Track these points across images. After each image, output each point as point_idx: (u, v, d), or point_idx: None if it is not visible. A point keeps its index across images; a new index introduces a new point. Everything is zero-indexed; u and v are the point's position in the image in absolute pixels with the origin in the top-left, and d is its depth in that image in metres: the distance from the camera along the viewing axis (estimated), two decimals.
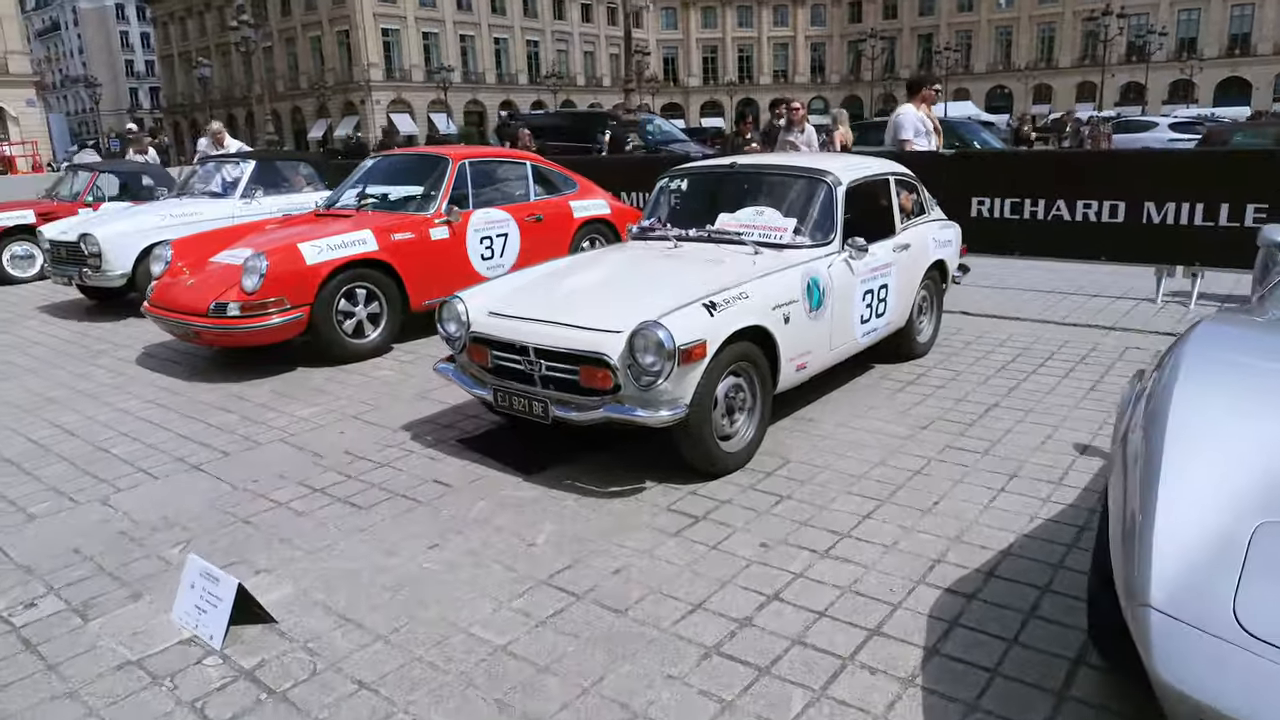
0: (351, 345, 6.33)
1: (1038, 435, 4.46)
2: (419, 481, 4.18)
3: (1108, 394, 5.07)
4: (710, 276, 4.26)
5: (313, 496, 4.07)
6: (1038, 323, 6.83)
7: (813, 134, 10.02)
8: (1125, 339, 6.27)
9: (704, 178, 5.44)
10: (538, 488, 4.05)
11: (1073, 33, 72.41)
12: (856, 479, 4.00)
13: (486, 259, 7.16)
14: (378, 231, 6.40)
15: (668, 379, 3.67)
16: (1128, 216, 7.38)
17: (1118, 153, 9.16)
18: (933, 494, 3.82)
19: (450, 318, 4.45)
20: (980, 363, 5.78)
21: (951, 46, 75.23)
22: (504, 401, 4.17)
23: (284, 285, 5.89)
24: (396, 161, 7.68)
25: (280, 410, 5.37)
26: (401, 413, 5.22)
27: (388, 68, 60.15)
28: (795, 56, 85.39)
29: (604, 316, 3.95)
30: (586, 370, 3.86)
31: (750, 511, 3.72)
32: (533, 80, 69.23)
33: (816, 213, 4.81)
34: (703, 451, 3.95)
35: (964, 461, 4.16)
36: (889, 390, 5.27)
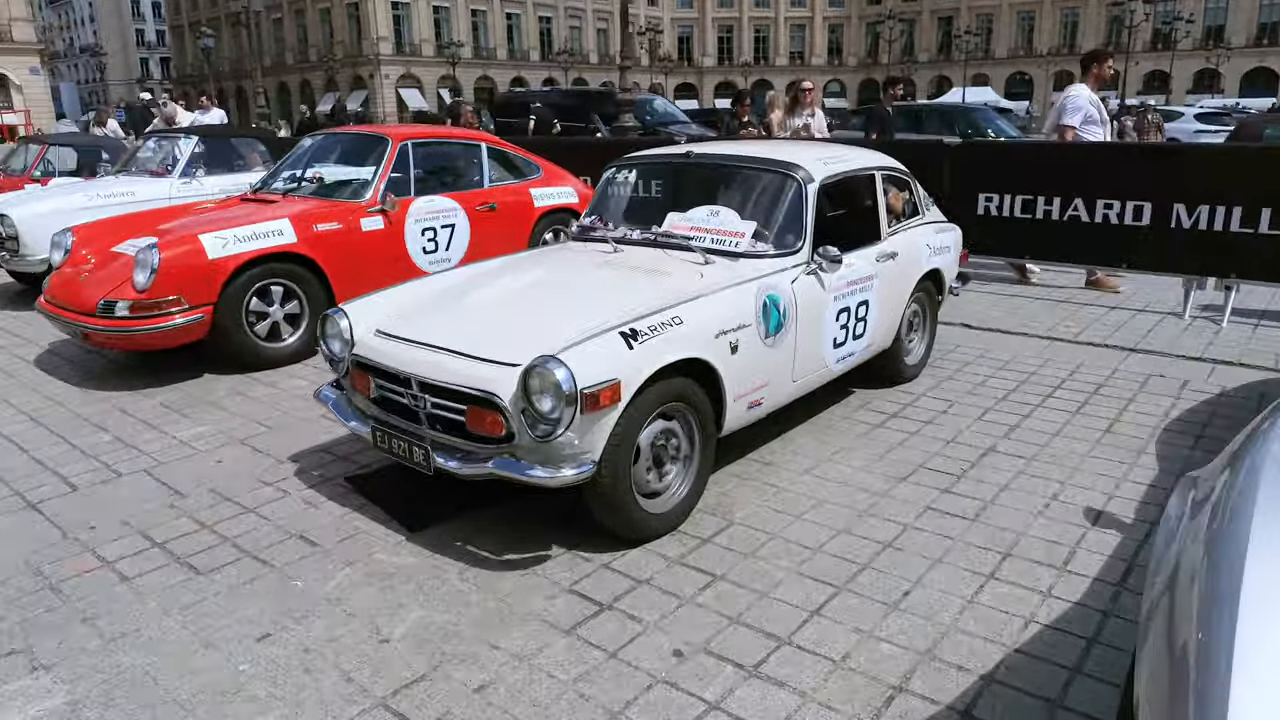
0: (265, 350, 5.58)
1: (1040, 495, 3.67)
2: (282, 537, 3.44)
3: (1126, 437, 4.27)
4: (641, 294, 3.48)
5: (149, 554, 3.33)
6: (1047, 340, 6.01)
7: (824, 120, 8.98)
8: (1148, 363, 5.44)
9: (655, 168, 4.64)
10: (419, 552, 3.30)
11: (1097, 18, 70.71)
12: (811, 553, 3.23)
13: (429, 253, 6.39)
14: (297, 221, 5.63)
15: (569, 429, 2.90)
16: (1154, 219, 6.54)
17: (1145, 147, 8.29)
18: (904, 579, 3.04)
19: (333, 335, 3.69)
20: (978, 390, 4.98)
21: (972, 30, 73.63)
22: (383, 442, 3.41)
23: (180, 282, 5.13)
24: (334, 141, 6.90)
25: (162, 430, 4.63)
26: (298, 437, 4.47)
27: (397, 42, 59.09)
28: (812, 38, 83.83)
29: (501, 345, 3.18)
30: (474, 412, 3.10)
31: (671, 598, 2.95)
32: (545, 57, 68.01)
33: (782, 215, 4.01)
34: (621, 516, 3.19)
35: (947, 531, 3.38)
36: (867, 425, 4.49)
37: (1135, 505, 3.56)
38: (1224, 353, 5.64)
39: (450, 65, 56.72)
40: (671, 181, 4.50)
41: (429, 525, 3.48)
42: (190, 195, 8.00)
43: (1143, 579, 2.92)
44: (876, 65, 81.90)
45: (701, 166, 4.36)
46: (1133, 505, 3.57)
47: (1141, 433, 4.33)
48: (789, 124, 8.30)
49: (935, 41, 79.48)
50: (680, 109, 20.69)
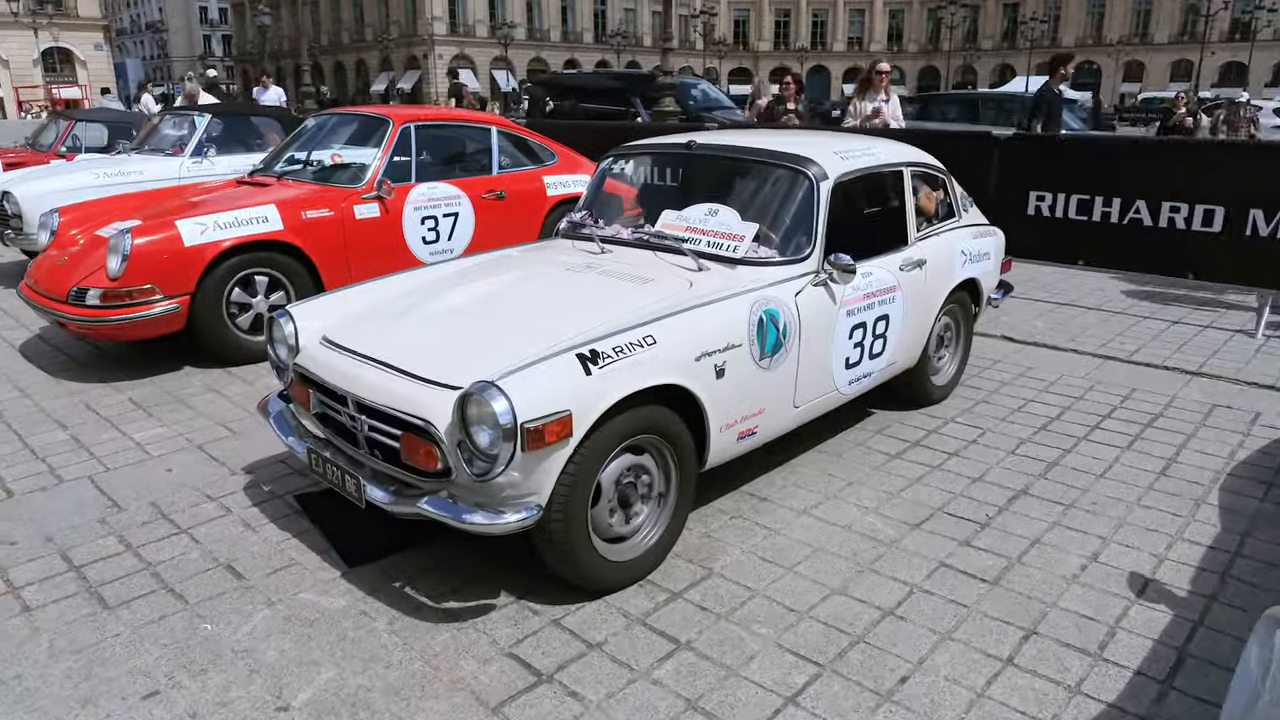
0: (247, 344, 5.25)
1: (1076, 554, 3.15)
2: (207, 565, 3.08)
3: (1183, 482, 3.72)
4: (617, 306, 3.04)
5: (61, 580, 2.99)
6: (1098, 358, 5.42)
7: (898, 106, 8.01)
8: (1212, 390, 4.84)
9: (654, 159, 4.16)
10: (351, 592, 2.91)
11: (1171, 6, 67.91)
12: (797, 618, 2.77)
13: (430, 243, 6.01)
14: (285, 208, 5.28)
15: (509, 467, 2.48)
16: (1227, 226, 5.88)
17: (1220, 144, 7.55)
18: (902, 659, 2.57)
19: (279, 340, 3.31)
20: (1014, 417, 4.44)
21: (1039, 17, 71.22)
22: (319, 467, 3.02)
23: (154, 270, 4.82)
24: (335, 122, 6.54)
25: (122, 430, 4.32)
26: (259, 444, 4.11)
27: (452, 22, 59.00)
28: (871, 23, 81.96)
29: (443, 363, 2.76)
30: (408, 440, 2.69)
31: (623, 670, 2.52)
32: (599, 39, 67.42)
33: (789, 216, 3.53)
34: (575, 565, 2.75)
35: (961, 596, 2.89)
36: (883, 455, 3.99)
37: (1191, 573, 3.03)
38: None
39: (503, 46, 56.48)
40: (671, 175, 4.04)
41: (369, 560, 3.09)
42: (200, 175, 7.73)
43: (1197, 679, 2.42)
44: (938, 52, 79.86)
45: (703, 159, 3.88)
46: (1188, 573, 3.03)
47: (1202, 477, 3.77)
48: (859, 108, 7.58)
49: (999, 28, 77.19)
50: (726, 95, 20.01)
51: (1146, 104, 45.86)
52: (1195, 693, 2.42)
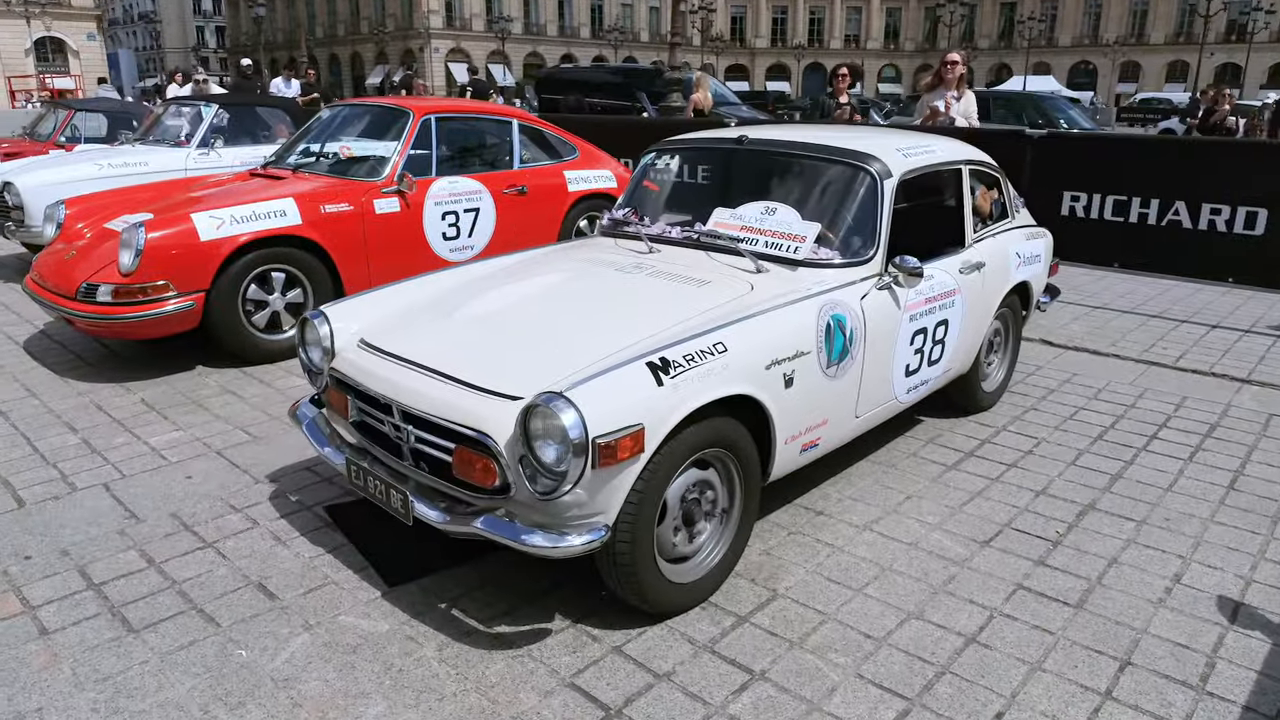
0: (263, 343, 5.05)
1: (1158, 575, 2.98)
2: (237, 584, 2.88)
3: (1255, 497, 3.55)
4: (678, 310, 2.86)
5: (81, 598, 2.80)
6: (1143, 364, 5.26)
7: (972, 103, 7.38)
8: (1267, 399, 4.68)
9: (703, 154, 3.98)
10: (394, 614, 2.72)
11: (1168, 6, 67.96)
12: (875, 645, 2.59)
13: (450, 239, 5.81)
14: (303, 201, 5.07)
15: (577, 485, 2.29)
16: (1269, 229, 5.73)
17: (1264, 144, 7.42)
18: (994, 693, 2.39)
19: (312, 342, 3.12)
20: (1068, 426, 4.27)
21: (1036, 17, 71.20)
22: (359, 479, 2.83)
23: (169, 266, 4.61)
24: (354, 114, 6.33)
25: (135, 434, 4.11)
26: (282, 450, 3.93)
27: (448, 15, 58.61)
28: (868, 21, 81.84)
29: (500, 370, 2.58)
30: (462, 454, 2.50)
31: (696, 704, 2.34)
32: (595, 34, 67.11)
33: (852, 216, 3.35)
34: (638, 588, 2.57)
35: (1045, 622, 2.71)
36: (939, 465, 3.81)
37: (1278, 599, 2.87)
38: None
39: (500, 40, 56.17)
40: (720, 171, 3.85)
41: (410, 578, 2.90)
42: (207, 167, 7.53)
43: None
44: (934, 51, 79.66)
45: (757, 155, 3.69)
46: (1274, 598, 2.86)
47: (1273, 491, 3.61)
48: (927, 104, 7.18)
49: (996, 28, 77.17)
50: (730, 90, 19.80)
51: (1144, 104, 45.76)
52: None
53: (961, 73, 7.11)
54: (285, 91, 13.51)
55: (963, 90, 7.09)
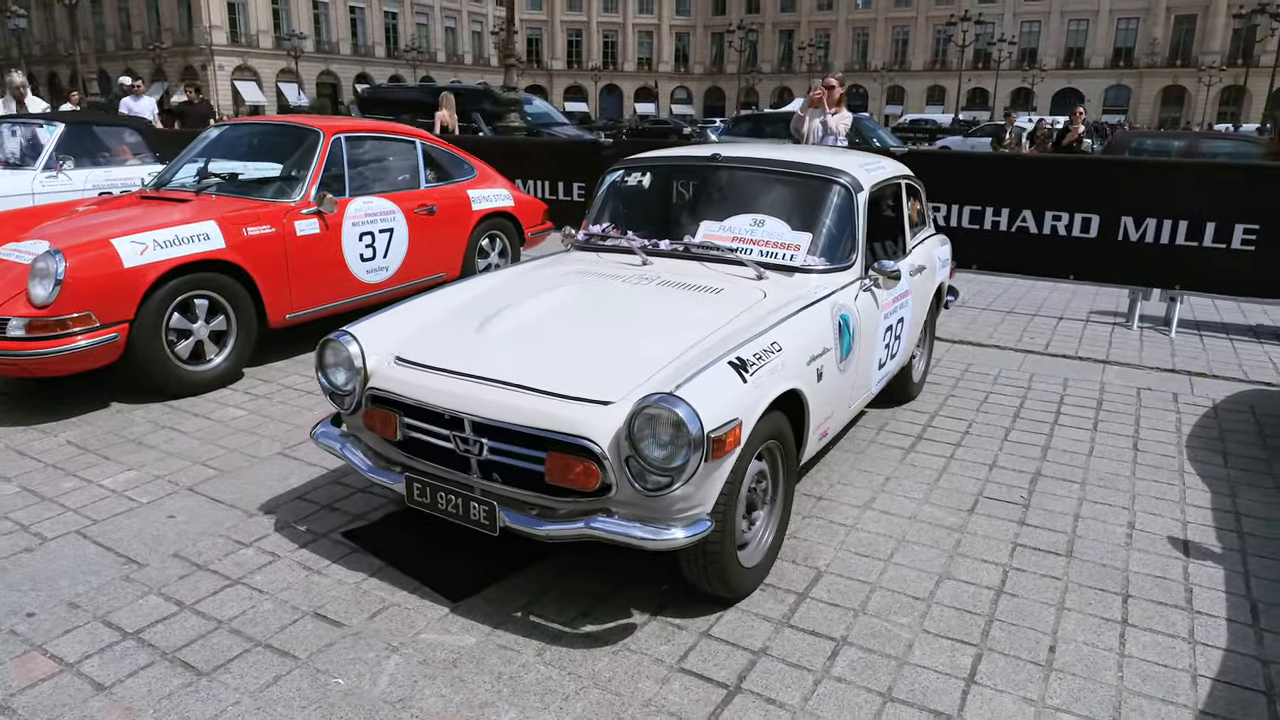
0: (187, 374, 4.74)
1: (1115, 525, 3.49)
2: (292, 615, 2.78)
3: (1157, 455, 4.19)
4: (711, 314, 3.05)
5: (123, 648, 2.60)
6: (1021, 352, 5.98)
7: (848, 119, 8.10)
8: (1129, 376, 5.47)
9: (675, 171, 4.20)
10: (474, 627, 2.73)
11: (925, 37, 75.22)
12: (924, 605, 2.89)
13: (366, 260, 5.68)
14: (225, 224, 4.82)
15: (690, 481, 2.44)
16: (1102, 232, 6.67)
17: (1095, 160, 8.58)
18: (1038, 632, 2.75)
19: (336, 364, 3.05)
20: (987, 408, 4.82)
21: (813, 44, 76.72)
22: (424, 497, 2.82)
23: (91, 296, 4.25)
24: (249, 132, 6.05)
25: (81, 477, 3.78)
26: (259, 481, 3.75)
27: (232, 31, 55.30)
28: (659, 45, 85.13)
29: (583, 377, 2.67)
30: (558, 460, 2.57)
31: (802, 672, 2.54)
32: (390, 54, 65.53)
33: (833, 225, 3.67)
34: (718, 574, 2.74)
35: (1050, 570, 3.13)
36: (898, 450, 4.22)
37: (1214, 531, 3.44)
38: (1190, 364, 5.76)
39: (293, 58, 53.64)
40: (695, 187, 4.07)
41: (471, 592, 2.91)
42: (58, 191, 6.91)
43: (1271, 618, 2.76)
44: (722, 74, 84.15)
45: (733, 171, 3.95)
46: (1212, 531, 3.44)
47: (1169, 450, 4.27)
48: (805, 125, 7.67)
49: (777, 53, 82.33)
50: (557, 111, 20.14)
51: (914, 124, 50.34)
52: None
53: (840, 94, 7.75)
54: (135, 109, 12.45)
55: (839, 109, 7.73)
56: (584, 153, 8.91)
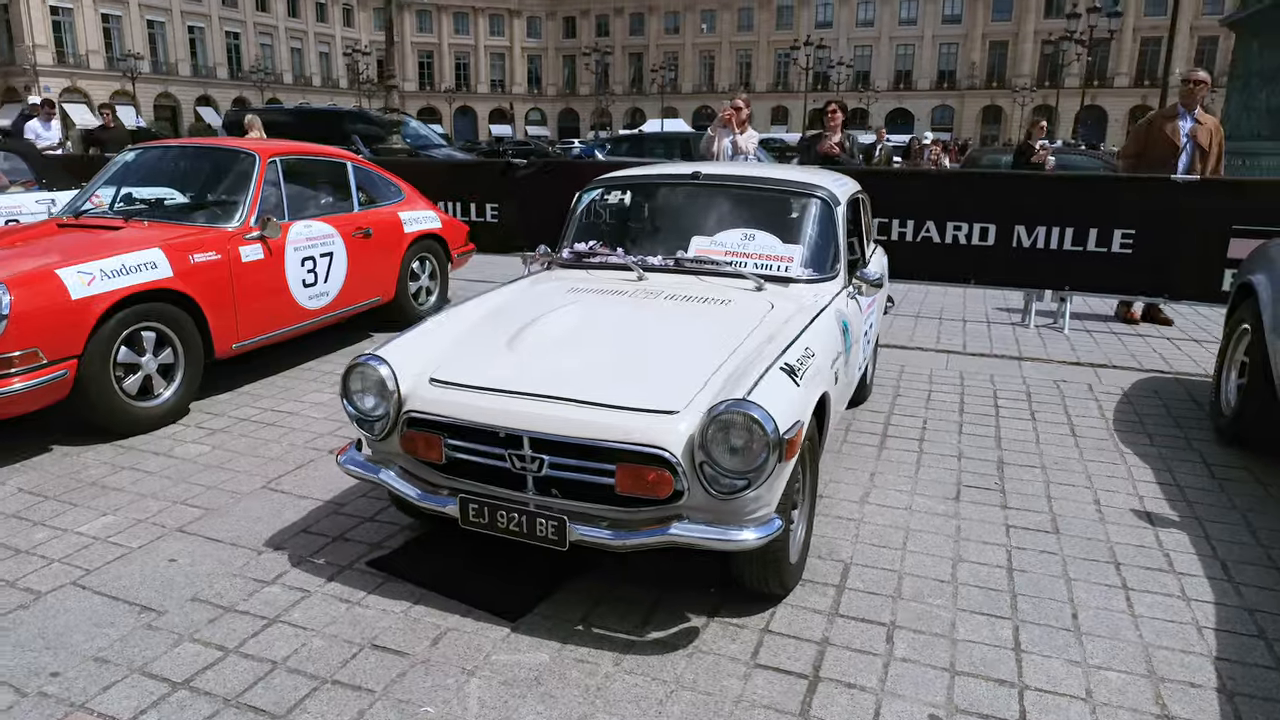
0: (136, 411, 4.47)
1: (1083, 503, 3.84)
2: (348, 649, 2.71)
3: (1094, 439, 4.62)
4: (733, 325, 3.19)
5: (177, 700, 2.47)
6: (944, 353, 6.42)
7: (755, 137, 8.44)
8: (1044, 370, 5.98)
9: (656, 189, 4.30)
10: (542, 643, 2.75)
11: (767, 60, 78.56)
12: (951, 587, 3.11)
13: (309, 285, 5.51)
14: (170, 251, 4.58)
15: (764, 483, 2.55)
16: (998, 240, 7.24)
17: (989, 174, 9.25)
18: (1057, 601, 3.02)
19: (366, 389, 3.00)
20: (934, 406, 5.17)
21: (664, 66, 78.71)
22: (481, 518, 2.80)
23: (38, 331, 3.96)
24: (171, 155, 5.73)
25: (52, 525, 3.51)
26: (251, 517, 3.60)
27: (59, 51, 51.48)
28: (512, 67, 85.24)
29: (638, 388, 2.74)
30: (628, 471, 2.63)
31: (870, 657, 2.69)
32: (234, 75, 62.67)
33: (818, 237, 3.89)
34: (775, 572, 2.87)
35: (1044, 545, 3.42)
36: (871, 448, 4.47)
37: (1166, 503, 3.84)
38: (1090, 356, 6.35)
39: (130, 80, 50.40)
40: (677, 203, 4.18)
41: (526, 610, 2.92)
42: None
43: (1249, 574, 3.14)
44: (575, 96, 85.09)
45: (714, 188, 4.10)
46: (1164, 502, 3.84)
47: (1100, 434, 4.71)
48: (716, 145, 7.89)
49: (628, 75, 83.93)
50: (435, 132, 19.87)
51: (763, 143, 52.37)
52: (1258, 583, 3.14)
53: (747, 114, 8.08)
54: (44, 134, 11.41)
55: (745, 128, 8.06)
56: (497, 174, 8.89)
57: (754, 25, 78.36)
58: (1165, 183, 6.88)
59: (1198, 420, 4.97)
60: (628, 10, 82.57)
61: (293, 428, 4.65)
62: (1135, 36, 65.81)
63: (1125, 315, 7.66)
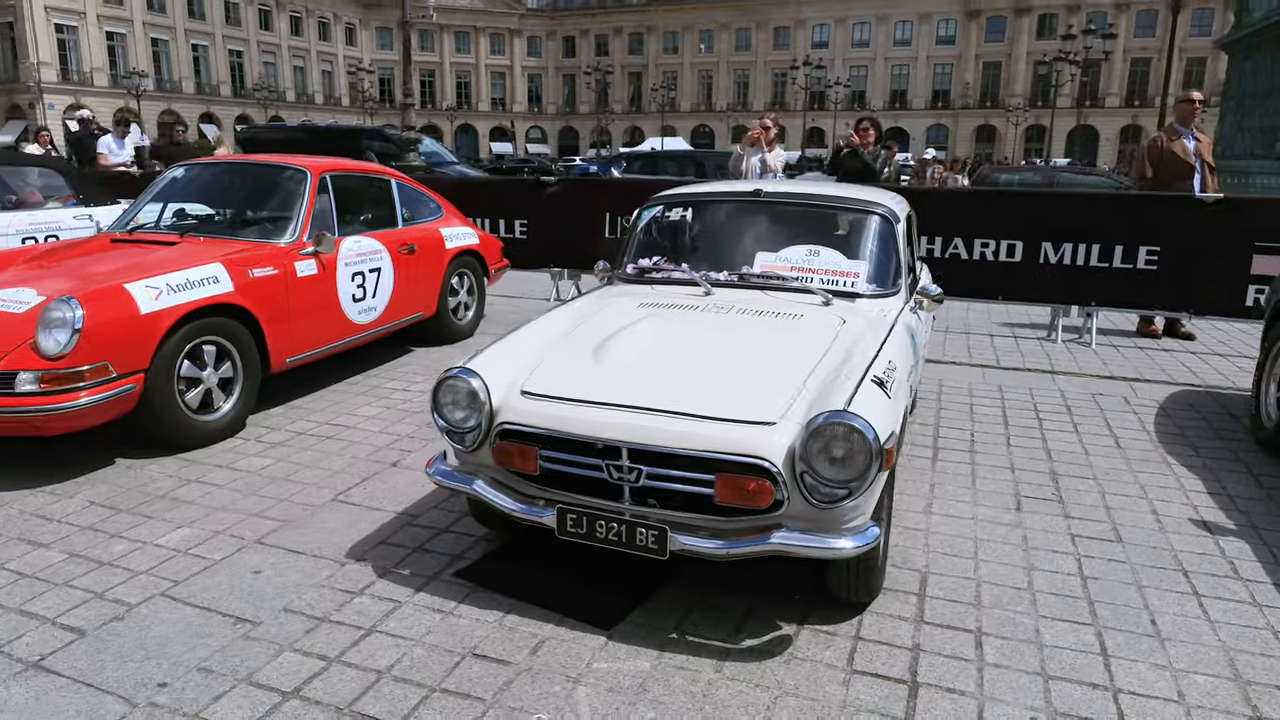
0: (198, 424, 4.51)
1: (1142, 513, 3.90)
2: (450, 659, 2.75)
3: (1141, 451, 4.68)
4: (810, 339, 3.26)
5: (290, 709, 2.50)
6: (978, 367, 6.49)
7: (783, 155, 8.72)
8: (1079, 383, 6.06)
9: (719, 207, 4.38)
10: (640, 651, 2.80)
11: (765, 79, 79.15)
12: (1029, 593, 3.17)
13: (358, 300, 5.57)
14: (231, 266, 4.64)
15: (865, 492, 2.62)
16: (1025, 256, 7.35)
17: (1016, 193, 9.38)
18: (1134, 608, 3.08)
19: (456, 401, 3.05)
20: (978, 418, 5.24)
21: (663, 86, 79.29)
22: (579, 528, 2.86)
23: (109, 345, 4.01)
24: (220, 172, 5.81)
25: (129, 538, 3.55)
26: (327, 529, 3.64)
27: (63, 69, 51.69)
28: (512, 86, 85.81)
29: (733, 400, 2.80)
30: (729, 482, 2.69)
31: (961, 662, 2.75)
32: (237, 93, 62.94)
33: (881, 253, 3.97)
34: (866, 580, 2.93)
35: (1112, 554, 3.49)
36: (924, 459, 4.53)
37: (1222, 513, 3.91)
38: (1122, 370, 6.44)
39: (135, 97, 50.53)
40: (741, 221, 4.26)
41: (619, 618, 2.97)
42: None
43: None
44: (575, 114, 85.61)
45: (777, 205, 4.19)
46: (1220, 512, 3.91)
47: (1145, 446, 4.79)
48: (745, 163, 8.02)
49: (628, 94, 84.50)
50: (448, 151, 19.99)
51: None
52: None
53: (775, 133, 8.21)
54: (118, 152, 11.46)
55: (774, 147, 8.19)
56: (526, 191, 8.99)
57: (752, 45, 79.01)
58: (1190, 200, 7.01)
59: (1236, 432, 5.05)
60: (627, 30, 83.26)
61: (351, 440, 4.69)
62: (1126, 57, 66.57)
63: (1147, 330, 7.75)
